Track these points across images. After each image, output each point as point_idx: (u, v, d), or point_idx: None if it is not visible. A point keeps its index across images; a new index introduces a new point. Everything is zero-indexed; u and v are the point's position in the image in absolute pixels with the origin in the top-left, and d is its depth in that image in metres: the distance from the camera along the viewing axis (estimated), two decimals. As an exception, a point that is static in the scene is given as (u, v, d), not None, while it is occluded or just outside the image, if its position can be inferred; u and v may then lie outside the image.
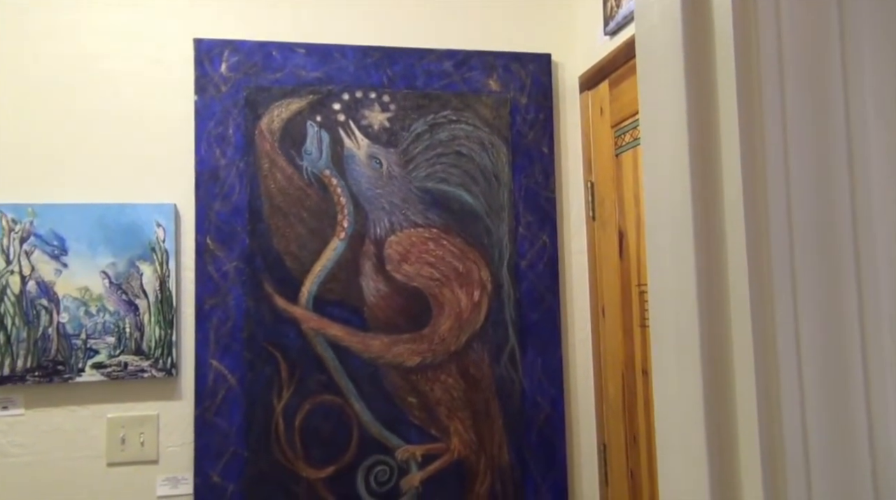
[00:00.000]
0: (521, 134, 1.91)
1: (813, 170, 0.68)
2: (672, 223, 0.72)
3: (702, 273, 0.69)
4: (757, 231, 0.66)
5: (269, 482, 1.71)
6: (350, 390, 1.77)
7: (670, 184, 0.73)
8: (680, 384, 0.71)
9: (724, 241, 0.69)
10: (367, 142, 1.83)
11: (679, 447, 0.72)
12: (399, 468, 1.78)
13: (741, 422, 0.67)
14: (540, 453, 1.84)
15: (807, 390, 0.66)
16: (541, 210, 1.90)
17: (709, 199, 0.70)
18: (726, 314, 0.69)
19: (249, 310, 1.73)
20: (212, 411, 1.70)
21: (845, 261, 0.67)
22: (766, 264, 0.66)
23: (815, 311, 0.66)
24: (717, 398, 0.69)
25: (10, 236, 1.62)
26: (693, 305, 0.69)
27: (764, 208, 0.66)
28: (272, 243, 1.76)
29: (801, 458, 0.65)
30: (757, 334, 0.65)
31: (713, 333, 0.69)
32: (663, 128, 0.74)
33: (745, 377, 0.66)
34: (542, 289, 1.88)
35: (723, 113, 0.69)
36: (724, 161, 0.69)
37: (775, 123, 0.67)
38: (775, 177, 0.66)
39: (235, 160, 1.76)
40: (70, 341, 1.64)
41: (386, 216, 1.83)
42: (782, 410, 0.64)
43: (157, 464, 1.69)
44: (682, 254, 0.70)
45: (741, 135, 0.67)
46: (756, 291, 0.66)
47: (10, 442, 1.63)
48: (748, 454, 0.66)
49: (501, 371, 1.85)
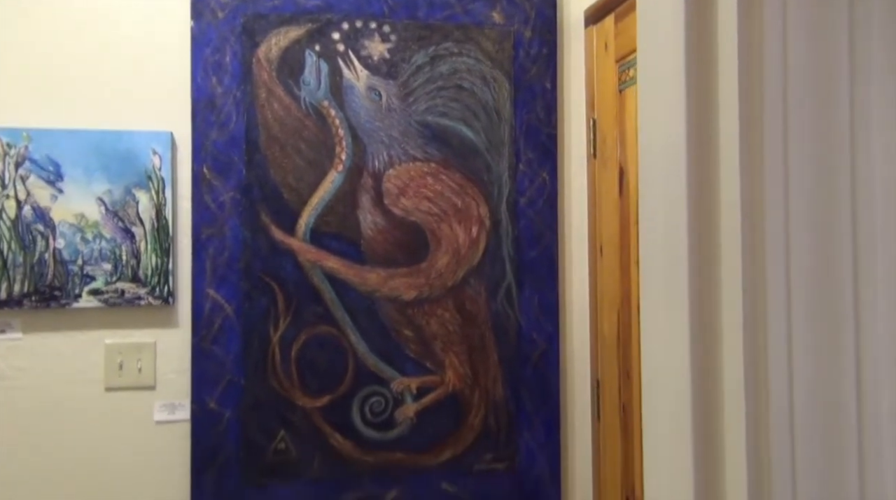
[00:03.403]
0: (523, 68, 1.88)
1: (813, 115, 0.66)
2: (665, 161, 0.71)
3: (693, 212, 0.68)
4: (751, 170, 0.65)
5: (265, 409, 1.73)
6: (346, 322, 1.78)
7: (665, 121, 0.71)
8: (668, 322, 0.71)
9: (718, 179, 0.67)
10: (367, 73, 1.80)
11: (664, 384, 0.72)
12: (394, 399, 1.80)
13: (726, 358, 0.67)
14: (534, 387, 1.86)
15: (794, 327, 0.65)
16: (541, 147, 1.88)
17: (703, 138, 0.68)
18: (717, 254, 0.68)
19: (246, 241, 1.73)
20: (209, 340, 1.71)
21: (842, 197, 0.65)
22: (759, 204, 0.65)
23: (805, 252, 0.65)
24: (704, 336, 0.68)
25: (4, 161, 1.61)
26: (683, 242, 0.68)
27: (759, 147, 0.65)
28: (269, 175, 1.75)
29: (785, 392, 0.64)
30: (746, 273, 0.65)
31: (702, 271, 0.68)
32: (661, 62, 0.72)
33: (733, 315, 0.66)
34: (541, 226, 1.88)
35: (721, 48, 0.67)
36: (720, 98, 0.67)
37: (775, 53, 0.65)
38: (772, 114, 0.65)
39: (232, 89, 1.73)
40: (66, 266, 1.64)
41: (384, 150, 1.81)
42: (769, 347, 0.64)
43: (154, 390, 1.71)
44: (674, 192, 0.69)
45: (739, 68, 0.65)
46: (748, 229, 0.65)
47: (8, 365, 1.65)
48: (733, 389, 0.66)
49: (498, 307, 1.85)
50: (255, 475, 1.72)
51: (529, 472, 1.86)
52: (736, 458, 0.65)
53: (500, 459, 1.85)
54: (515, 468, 1.85)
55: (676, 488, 0.69)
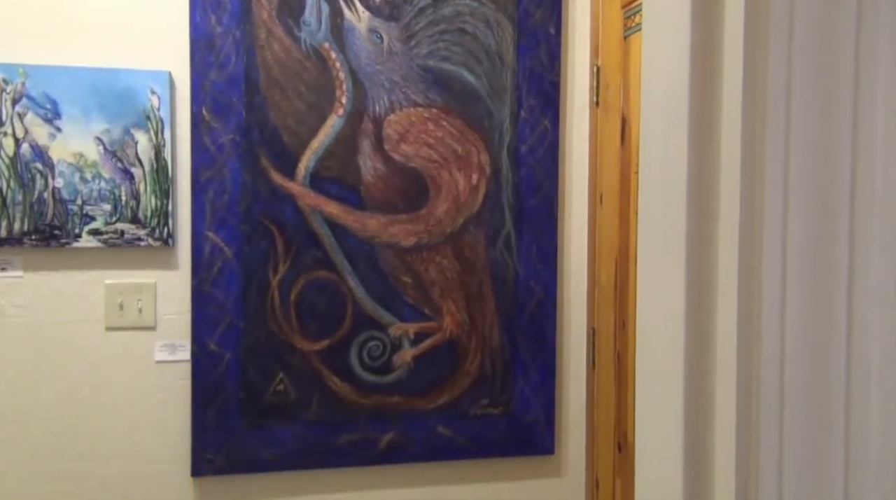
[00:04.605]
0: (527, 13, 1.84)
1: (817, 61, 0.65)
2: (667, 108, 0.70)
3: (693, 167, 0.67)
4: (753, 119, 0.64)
5: (264, 351, 1.75)
6: (345, 267, 1.79)
7: (668, 67, 0.70)
8: (661, 276, 0.71)
9: (720, 128, 0.67)
10: (369, 15, 1.77)
11: (657, 333, 0.72)
12: (392, 344, 1.82)
13: (720, 310, 0.67)
14: (530, 334, 1.88)
15: (789, 277, 0.65)
16: (544, 94, 1.86)
17: (707, 85, 0.67)
18: (715, 207, 0.67)
19: (246, 184, 1.72)
20: (208, 282, 1.72)
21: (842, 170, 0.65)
22: (760, 160, 0.64)
23: (804, 217, 0.65)
24: (699, 290, 0.68)
25: (1, 97, 1.59)
26: (682, 195, 0.68)
27: (762, 96, 0.64)
28: (269, 117, 1.73)
29: (776, 353, 0.65)
30: (744, 228, 0.64)
31: (701, 224, 0.68)
32: (667, 6, 0.70)
33: (728, 270, 0.65)
34: (542, 174, 1.87)
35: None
36: (725, 44, 0.66)
37: (781, 13, 0.63)
38: (776, 60, 0.63)
39: (231, 28, 1.70)
40: (66, 206, 1.63)
41: (385, 94, 1.79)
42: (762, 302, 0.64)
43: (154, 330, 1.73)
44: (674, 140, 0.68)
45: (746, 10, 0.64)
46: (747, 181, 0.64)
47: (9, 303, 1.66)
48: (725, 338, 0.66)
49: (496, 255, 1.86)
50: (254, 416, 1.75)
51: (524, 417, 1.89)
52: (726, 409, 0.66)
53: (495, 404, 1.88)
54: (510, 414, 1.88)
55: (667, 435, 0.70)
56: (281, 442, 1.77)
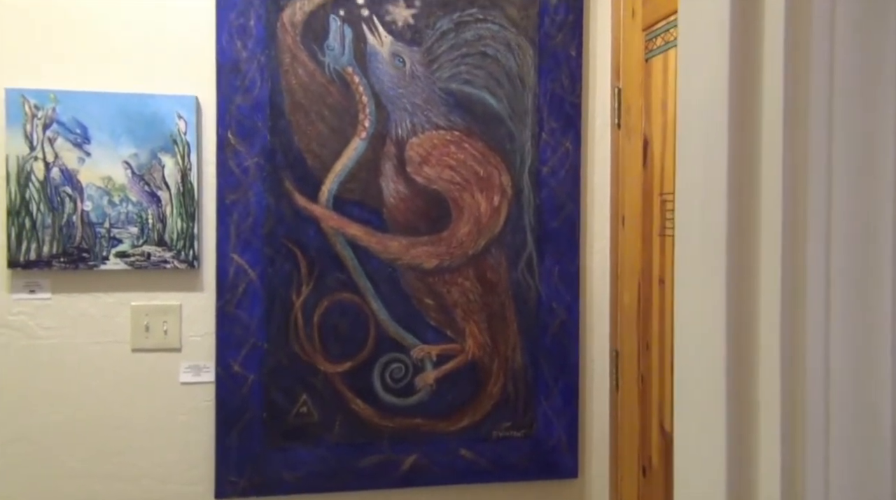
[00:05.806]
0: (548, 36, 1.86)
1: (861, 69, 0.64)
2: (705, 128, 0.69)
3: (733, 184, 0.67)
4: (794, 134, 0.63)
5: (287, 373, 1.75)
6: (368, 289, 1.79)
7: (707, 86, 0.69)
8: (702, 295, 0.70)
9: (760, 145, 0.66)
10: (391, 39, 1.79)
11: (697, 356, 0.71)
12: (414, 366, 1.82)
13: (763, 331, 0.66)
14: (553, 356, 1.87)
15: (832, 303, 0.64)
16: (565, 116, 1.87)
17: (746, 106, 0.66)
18: (756, 225, 0.67)
19: (270, 206, 1.74)
20: (233, 304, 1.73)
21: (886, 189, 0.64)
22: (802, 178, 0.63)
23: (848, 232, 0.64)
24: (740, 302, 0.67)
25: (32, 122, 1.62)
26: (722, 213, 0.67)
27: (804, 112, 0.63)
28: (293, 140, 1.75)
29: (821, 373, 0.64)
30: (786, 241, 0.64)
31: (741, 244, 0.67)
32: (704, 14, 0.70)
33: (770, 286, 0.65)
34: (563, 196, 1.87)
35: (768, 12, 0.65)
36: (765, 55, 0.66)
37: (823, 19, 0.63)
38: (819, 78, 0.63)
39: (257, 53, 1.73)
40: (94, 229, 1.66)
41: (408, 117, 1.80)
42: (806, 318, 0.63)
43: (179, 352, 1.74)
44: (714, 160, 0.68)
45: (785, 34, 0.63)
46: (790, 199, 0.64)
47: (38, 325, 1.68)
48: (768, 364, 0.65)
49: (518, 277, 1.86)
50: (277, 438, 1.75)
51: (547, 440, 1.88)
52: (770, 431, 0.65)
53: (517, 426, 1.87)
54: (533, 436, 1.87)
55: (709, 458, 0.69)
56: (304, 464, 1.77)
